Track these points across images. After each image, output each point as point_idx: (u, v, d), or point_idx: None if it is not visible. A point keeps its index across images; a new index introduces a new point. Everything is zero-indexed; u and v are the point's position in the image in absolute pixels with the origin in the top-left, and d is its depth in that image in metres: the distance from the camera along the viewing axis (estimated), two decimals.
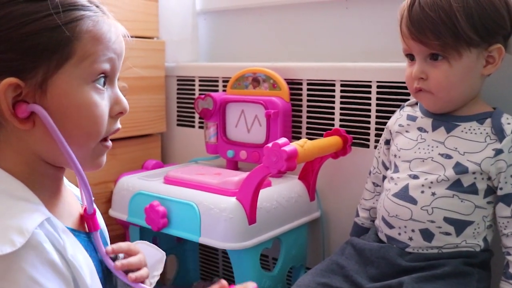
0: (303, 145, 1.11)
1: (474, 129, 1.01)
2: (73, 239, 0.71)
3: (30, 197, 0.67)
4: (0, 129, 0.69)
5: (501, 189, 0.99)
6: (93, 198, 0.76)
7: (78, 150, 0.69)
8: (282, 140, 1.08)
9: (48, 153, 0.70)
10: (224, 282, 0.79)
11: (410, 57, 1.05)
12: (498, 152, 0.98)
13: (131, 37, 0.76)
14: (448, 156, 1.01)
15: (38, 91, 0.66)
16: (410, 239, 1.03)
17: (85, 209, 0.77)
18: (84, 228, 0.78)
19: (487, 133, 1.00)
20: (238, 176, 1.24)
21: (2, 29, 0.64)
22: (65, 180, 0.79)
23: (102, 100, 0.71)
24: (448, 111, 1.05)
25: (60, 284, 0.64)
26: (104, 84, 0.72)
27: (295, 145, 1.09)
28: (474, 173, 0.99)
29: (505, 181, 0.99)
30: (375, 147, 1.25)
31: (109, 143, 0.76)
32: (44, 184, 0.72)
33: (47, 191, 0.72)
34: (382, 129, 1.22)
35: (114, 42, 0.71)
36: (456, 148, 1.01)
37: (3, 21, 0.64)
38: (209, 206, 1.16)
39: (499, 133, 0.99)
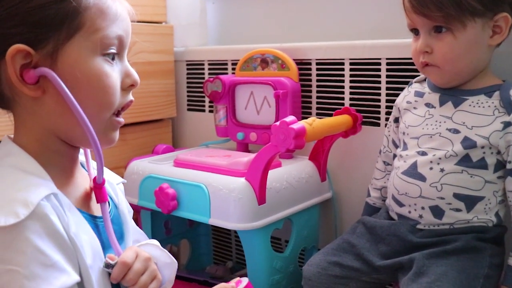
0: (311, 123, 1.10)
1: (482, 103, 0.99)
2: (79, 217, 0.71)
3: (40, 172, 0.68)
4: (15, 107, 0.71)
5: (510, 162, 0.97)
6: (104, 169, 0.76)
7: (91, 122, 0.69)
8: (290, 118, 1.07)
9: (61, 126, 0.71)
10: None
11: (415, 31, 1.03)
12: (507, 124, 0.96)
13: (139, 22, 0.77)
14: (456, 131, 0.99)
15: (48, 60, 0.67)
16: (420, 216, 1.02)
17: (94, 179, 0.77)
18: (93, 212, 0.77)
19: (495, 106, 0.98)
20: (247, 157, 1.23)
21: (10, 5, 0.65)
22: (81, 162, 0.80)
23: (113, 72, 0.71)
24: (456, 84, 1.03)
25: (64, 256, 0.64)
26: (113, 59, 0.72)
27: (303, 123, 1.08)
28: (482, 147, 0.97)
29: None
30: (386, 125, 1.24)
31: (122, 119, 0.76)
32: (55, 161, 0.72)
33: (58, 169, 0.73)
34: (392, 107, 1.20)
35: (119, 16, 0.72)
36: (464, 123, 0.99)
37: None
38: (218, 187, 1.16)
39: (508, 106, 0.97)
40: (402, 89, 1.19)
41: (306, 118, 1.13)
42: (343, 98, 1.36)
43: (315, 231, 1.36)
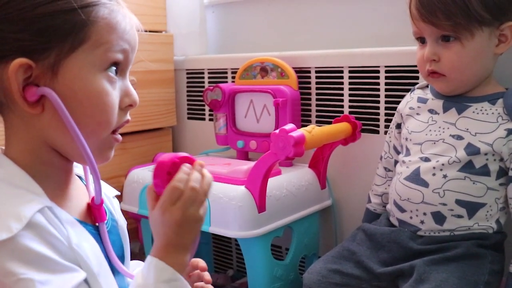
0: (310, 131, 1.10)
1: (485, 110, 1.00)
2: (79, 228, 0.70)
3: (31, 187, 0.66)
4: (8, 114, 0.68)
5: (511, 169, 0.98)
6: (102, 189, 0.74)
7: (87, 140, 0.67)
8: (289, 126, 1.07)
9: (57, 140, 0.68)
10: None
11: (421, 40, 1.03)
12: (510, 132, 0.96)
13: (139, 31, 0.75)
14: (460, 137, 1.00)
15: (49, 73, 0.65)
16: (422, 222, 1.02)
17: (92, 199, 0.75)
18: (93, 221, 0.76)
19: (499, 113, 0.99)
20: (247, 165, 1.23)
21: (15, 9, 0.63)
22: (76, 173, 0.78)
23: (113, 90, 0.69)
24: (460, 92, 1.03)
25: (64, 258, 0.63)
26: (116, 73, 0.70)
27: (302, 131, 1.08)
28: (486, 154, 0.97)
29: None
30: (385, 132, 1.24)
31: (119, 136, 0.74)
32: (48, 174, 0.70)
33: (52, 182, 0.70)
34: (392, 114, 1.21)
35: (128, 32, 0.70)
36: (467, 129, 1.00)
37: (17, 1, 0.63)
38: (218, 195, 1.16)
39: (511, 113, 0.97)
40: (401, 96, 1.20)
41: (306, 126, 1.14)
42: (342, 106, 1.36)
43: (316, 238, 1.36)
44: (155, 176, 0.71)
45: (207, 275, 0.84)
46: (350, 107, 1.35)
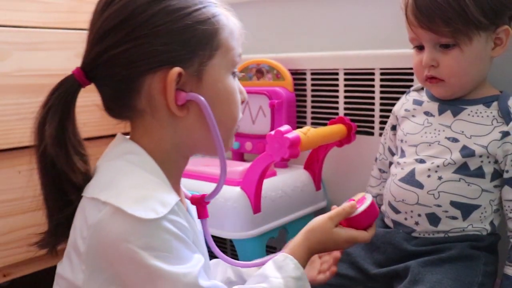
0: (306, 132, 1.10)
1: (480, 112, 1.00)
2: (191, 220, 0.78)
3: (163, 178, 0.73)
4: (144, 117, 0.73)
5: (507, 172, 0.98)
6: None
7: (225, 134, 0.76)
8: (285, 127, 1.07)
9: (195, 139, 0.76)
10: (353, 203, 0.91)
11: (418, 46, 1.03)
12: (505, 134, 0.97)
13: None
14: (455, 140, 1.00)
15: (194, 79, 0.72)
16: (416, 223, 1.02)
17: (203, 196, 0.84)
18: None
19: (493, 116, 0.99)
20: (242, 166, 1.24)
21: (161, 23, 0.69)
22: None
23: (236, 88, 0.78)
24: (458, 96, 1.04)
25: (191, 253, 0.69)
26: (234, 76, 0.79)
27: (298, 132, 1.08)
28: (480, 156, 0.98)
29: (511, 164, 0.98)
30: (380, 134, 1.25)
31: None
32: (172, 172, 0.76)
33: (172, 179, 0.76)
34: (386, 117, 1.21)
35: (240, 36, 0.78)
36: (462, 132, 1.00)
37: (160, 15, 0.69)
38: None
39: (506, 116, 0.98)
40: (396, 98, 1.20)
41: (301, 127, 1.14)
42: (337, 108, 1.37)
43: None
44: (367, 216, 0.90)
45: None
46: (345, 109, 1.36)
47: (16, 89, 1.21)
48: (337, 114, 1.36)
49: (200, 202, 0.84)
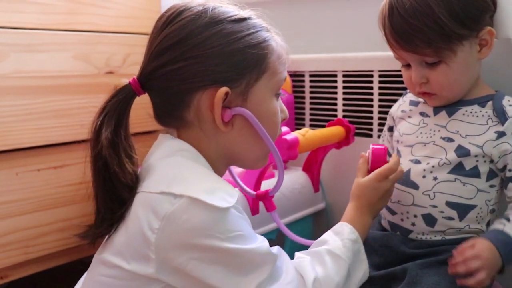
0: (304, 134, 1.11)
1: (476, 112, 1.00)
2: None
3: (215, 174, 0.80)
4: (191, 128, 0.80)
5: (510, 170, 0.98)
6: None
7: (264, 149, 0.83)
8: (284, 129, 1.07)
9: (238, 152, 0.83)
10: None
11: (405, 64, 1.03)
12: (501, 134, 0.97)
13: (135, 34, 0.83)
14: (450, 139, 1.01)
15: (240, 98, 0.78)
16: (413, 224, 1.02)
17: (267, 191, 0.98)
18: None
19: (488, 116, 0.99)
20: (240, 168, 1.23)
21: (215, 45, 0.75)
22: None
23: (278, 109, 0.84)
24: (452, 102, 1.04)
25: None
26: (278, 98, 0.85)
27: (296, 134, 1.09)
28: (476, 156, 0.98)
29: None
30: (378, 136, 1.25)
31: None
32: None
33: None
34: (385, 119, 1.21)
35: (286, 61, 0.83)
36: (457, 131, 1.00)
37: (215, 38, 0.76)
38: None
39: (501, 116, 0.98)
40: (394, 100, 1.20)
41: (299, 129, 1.14)
42: (336, 110, 1.37)
43: None
44: (376, 159, 1.02)
45: None
46: (343, 111, 1.36)
47: (13, 90, 1.21)
48: (335, 116, 1.36)
49: (266, 197, 0.98)
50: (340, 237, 0.91)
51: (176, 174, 0.75)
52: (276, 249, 0.78)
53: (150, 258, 0.70)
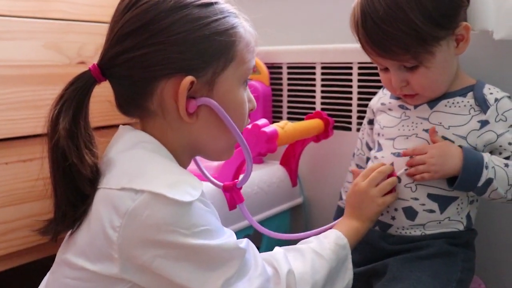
0: (283, 127, 1.08)
1: (458, 103, 1.00)
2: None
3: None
4: (154, 118, 0.77)
5: (500, 153, 0.98)
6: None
7: (230, 141, 0.81)
8: (262, 121, 1.05)
9: (202, 143, 0.80)
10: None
11: (381, 66, 1.02)
12: (484, 123, 0.96)
13: (106, 23, 0.79)
14: None
15: (205, 88, 0.75)
16: (393, 218, 1.01)
17: (235, 183, 0.94)
18: None
19: (470, 105, 0.99)
20: (217, 161, 1.21)
21: (179, 31, 0.72)
22: None
23: (246, 99, 0.81)
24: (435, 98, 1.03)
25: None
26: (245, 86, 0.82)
27: (275, 126, 1.06)
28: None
29: (503, 148, 0.97)
30: (358, 130, 1.23)
31: None
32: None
33: None
34: (364, 112, 1.20)
35: (254, 48, 0.80)
36: (440, 123, 0.99)
37: (180, 24, 0.72)
38: None
39: (483, 104, 0.97)
40: (373, 93, 1.19)
41: (277, 122, 1.12)
42: (314, 102, 1.35)
43: None
44: None
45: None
46: (322, 103, 1.34)
47: None
48: (314, 108, 1.35)
49: (233, 188, 0.95)
50: (327, 240, 0.90)
51: (137, 168, 0.72)
52: (244, 242, 0.76)
53: (113, 257, 0.68)
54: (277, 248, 0.86)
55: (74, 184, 0.72)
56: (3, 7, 1.19)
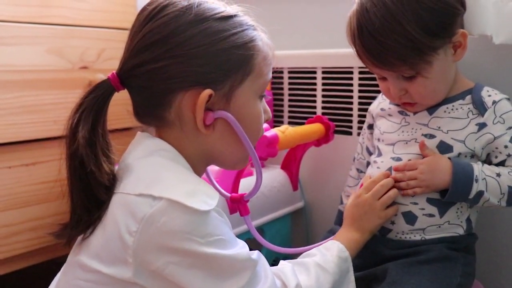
0: (284, 131, 1.09)
1: (456, 107, 1.00)
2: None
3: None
4: (172, 128, 0.77)
5: (496, 157, 0.98)
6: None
7: (245, 152, 0.81)
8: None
9: (218, 154, 0.80)
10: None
11: (379, 76, 1.02)
12: (482, 126, 0.97)
13: (109, 28, 0.80)
14: (431, 136, 1.00)
15: (223, 100, 0.76)
16: (393, 223, 1.02)
17: (242, 195, 0.94)
18: None
19: (469, 109, 0.99)
20: (220, 168, 1.21)
21: (199, 45, 0.72)
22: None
23: (262, 111, 0.82)
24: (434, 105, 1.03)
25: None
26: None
27: (276, 130, 1.07)
28: (459, 154, 0.97)
29: (498, 151, 0.97)
30: (358, 134, 1.24)
31: None
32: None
33: None
34: (365, 116, 1.20)
35: (271, 61, 0.81)
36: (439, 127, 1.00)
37: (199, 37, 0.72)
38: None
39: (480, 107, 0.98)
40: (374, 97, 1.19)
41: (278, 126, 1.13)
42: (315, 107, 1.36)
43: (287, 240, 1.35)
44: None
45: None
46: (323, 108, 1.34)
47: None
48: (314, 113, 1.35)
49: (240, 201, 0.94)
50: (330, 253, 0.91)
51: (155, 175, 0.72)
52: (256, 254, 0.77)
53: (127, 261, 0.68)
54: (284, 262, 0.87)
55: (90, 190, 0.73)
56: (6, 12, 1.20)
